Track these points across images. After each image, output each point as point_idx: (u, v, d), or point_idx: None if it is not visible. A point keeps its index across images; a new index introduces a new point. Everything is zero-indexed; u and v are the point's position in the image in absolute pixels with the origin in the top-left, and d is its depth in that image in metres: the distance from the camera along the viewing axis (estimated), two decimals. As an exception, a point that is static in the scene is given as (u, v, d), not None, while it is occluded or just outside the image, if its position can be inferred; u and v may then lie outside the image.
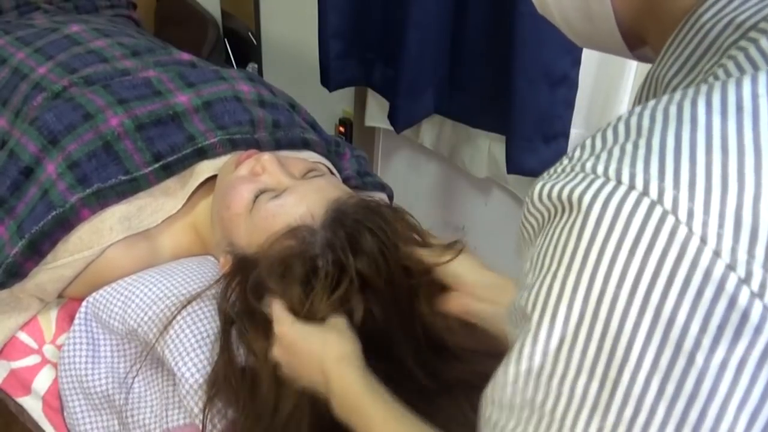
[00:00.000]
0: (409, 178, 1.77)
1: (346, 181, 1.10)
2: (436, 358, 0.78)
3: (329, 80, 1.54)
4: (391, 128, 1.50)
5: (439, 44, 1.36)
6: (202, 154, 0.97)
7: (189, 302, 0.84)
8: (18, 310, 0.95)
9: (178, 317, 0.83)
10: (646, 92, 0.48)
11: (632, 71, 1.24)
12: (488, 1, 1.27)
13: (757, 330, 0.31)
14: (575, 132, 1.30)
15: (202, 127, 0.99)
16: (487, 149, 1.48)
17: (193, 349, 0.81)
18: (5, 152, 0.95)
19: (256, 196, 0.86)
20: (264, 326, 0.77)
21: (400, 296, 0.77)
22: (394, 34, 1.37)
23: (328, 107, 1.77)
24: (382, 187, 1.20)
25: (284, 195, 0.85)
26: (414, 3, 1.30)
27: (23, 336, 0.96)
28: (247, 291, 0.79)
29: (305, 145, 1.07)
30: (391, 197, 1.22)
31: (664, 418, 0.33)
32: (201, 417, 0.80)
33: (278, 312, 0.75)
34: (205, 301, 0.86)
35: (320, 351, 0.70)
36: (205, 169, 0.97)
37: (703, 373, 0.32)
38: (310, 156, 1.06)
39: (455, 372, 0.77)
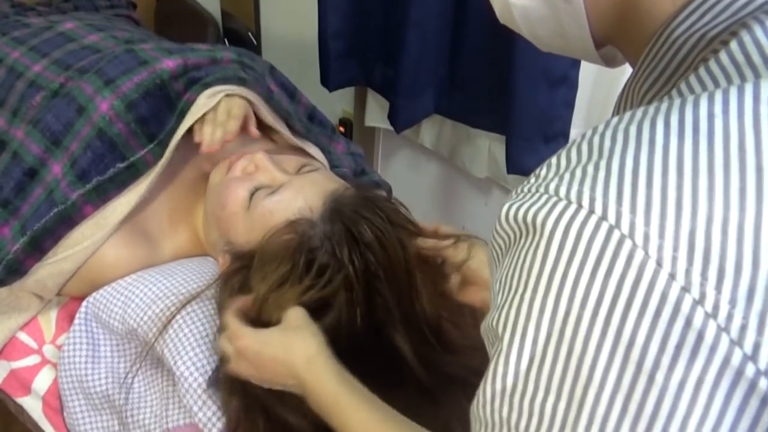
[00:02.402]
0: (409, 178, 1.77)
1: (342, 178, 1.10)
2: (436, 350, 0.78)
3: (329, 80, 1.54)
4: (391, 128, 1.50)
5: (439, 44, 1.36)
6: (182, 115, 0.97)
7: (188, 301, 0.84)
8: (18, 310, 0.95)
9: (177, 316, 0.83)
10: (624, 104, 0.49)
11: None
12: (488, 1, 1.27)
13: (712, 349, 0.32)
14: (575, 132, 1.30)
15: (182, 89, 0.99)
16: (487, 149, 1.48)
17: (192, 348, 0.81)
18: (8, 154, 0.95)
19: (252, 194, 0.86)
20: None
21: (401, 285, 0.77)
22: (394, 34, 1.37)
23: (328, 107, 1.76)
24: (378, 186, 1.20)
25: (280, 191, 0.85)
26: (414, 3, 1.30)
27: (23, 336, 0.96)
28: (242, 287, 0.79)
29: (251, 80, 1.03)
30: (389, 193, 1.22)
31: None
32: (200, 416, 0.80)
33: (234, 325, 0.73)
34: (204, 300, 0.86)
35: (285, 356, 0.69)
36: (182, 127, 0.96)
37: (663, 392, 0.33)
38: (308, 148, 1.06)
39: (455, 367, 0.77)
